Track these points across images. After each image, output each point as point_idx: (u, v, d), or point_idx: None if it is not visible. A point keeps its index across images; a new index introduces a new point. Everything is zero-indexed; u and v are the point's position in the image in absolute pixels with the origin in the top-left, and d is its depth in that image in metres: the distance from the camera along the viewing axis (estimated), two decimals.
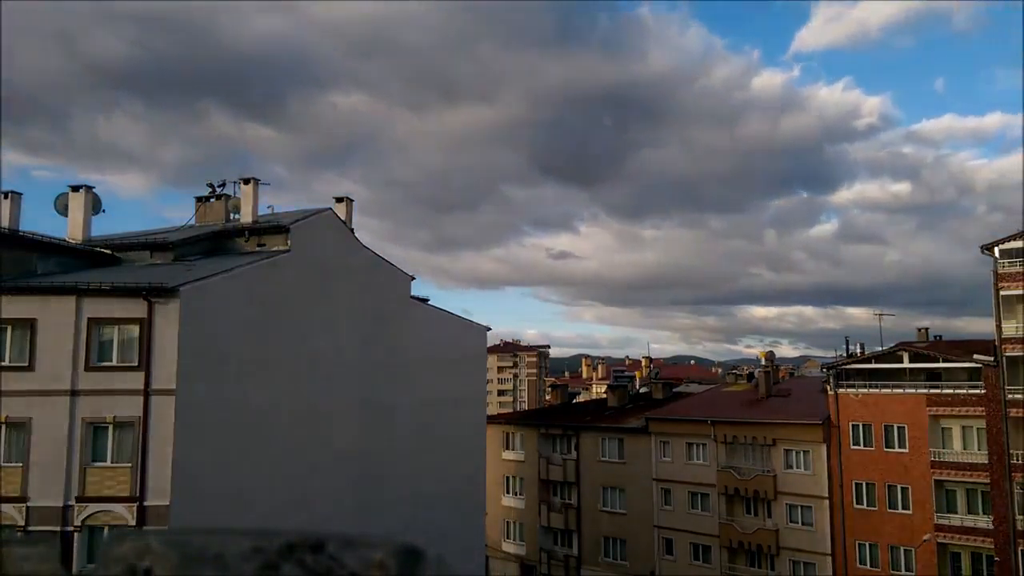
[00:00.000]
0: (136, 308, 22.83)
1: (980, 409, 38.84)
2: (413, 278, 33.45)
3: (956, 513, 39.41)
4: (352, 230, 31.41)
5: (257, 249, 28.31)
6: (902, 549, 40.18)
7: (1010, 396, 38.00)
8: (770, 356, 60.66)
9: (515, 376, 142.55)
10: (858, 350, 49.58)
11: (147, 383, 22.55)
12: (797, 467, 42.96)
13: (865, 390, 42.28)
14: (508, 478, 52.68)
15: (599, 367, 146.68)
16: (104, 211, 30.42)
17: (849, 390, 42.56)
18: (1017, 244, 39.08)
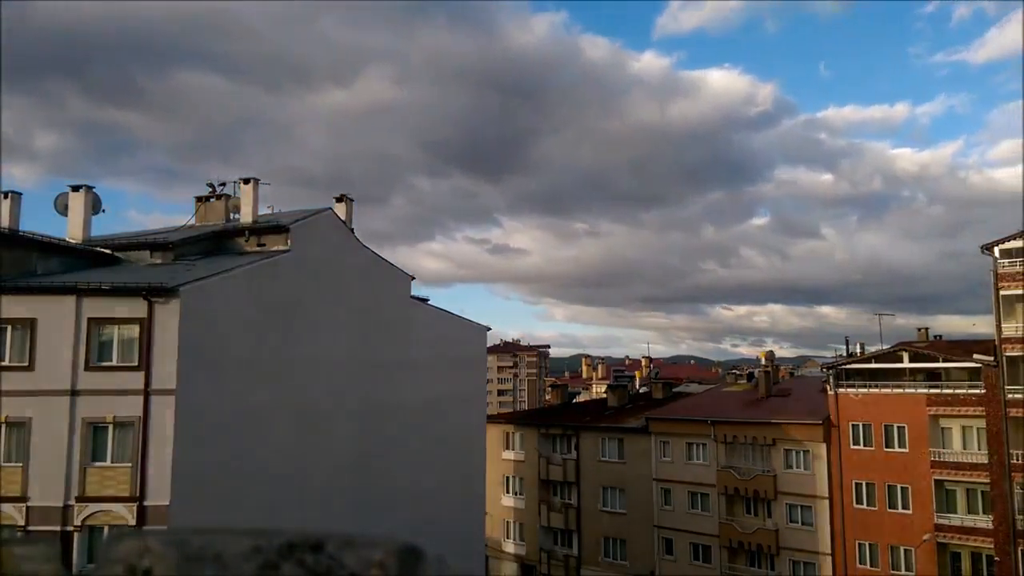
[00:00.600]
0: (136, 308, 22.83)
1: (980, 409, 38.85)
2: (413, 278, 33.49)
3: (956, 513, 39.41)
4: (352, 230, 31.43)
5: (257, 249, 28.30)
6: (902, 549, 40.18)
7: (1010, 396, 38.00)
8: (770, 356, 60.70)
9: (515, 376, 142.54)
10: (858, 350, 49.60)
11: (147, 383, 22.56)
12: (797, 467, 42.96)
13: (865, 390, 42.28)
14: (508, 478, 52.68)
15: (599, 367, 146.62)
16: (105, 210, 30.44)
17: (849, 390, 42.56)
18: (1017, 244, 39.09)
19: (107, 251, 28.38)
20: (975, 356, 39.80)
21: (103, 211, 30.35)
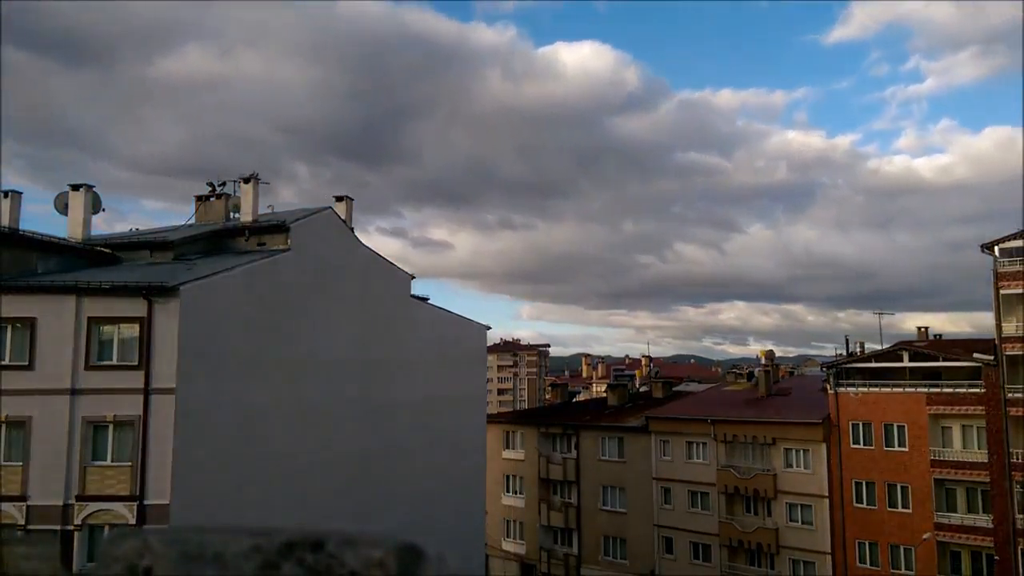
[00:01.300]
0: (136, 307, 22.83)
1: (980, 408, 38.85)
2: (413, 277, 33.49)
3: (956, 512, 39.42)
4: (352, 229, 31.43)
5: (257, 248, 28.31)
6: (902, 548, 40.19)
7: (1010, 395, 38.00)
8: (770, 355, 60.68)
9: (515, 375, 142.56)
10: (858, 349, 49.61)
11: (147, 382, 22.56)
12: (797, 466, 42.97)
13: (865, 389, 42.28)
14: (508, 477, 52.69)
15: (599, 366, 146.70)
16: (104, 210, 30.44)
17: (849, 389, 42.56)
18: (1017, 243, 39.07)
19: (107, 250, 28.39)
20: (975, 355, 39.81)
21: (103, 210, 30.37)
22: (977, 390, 39.19)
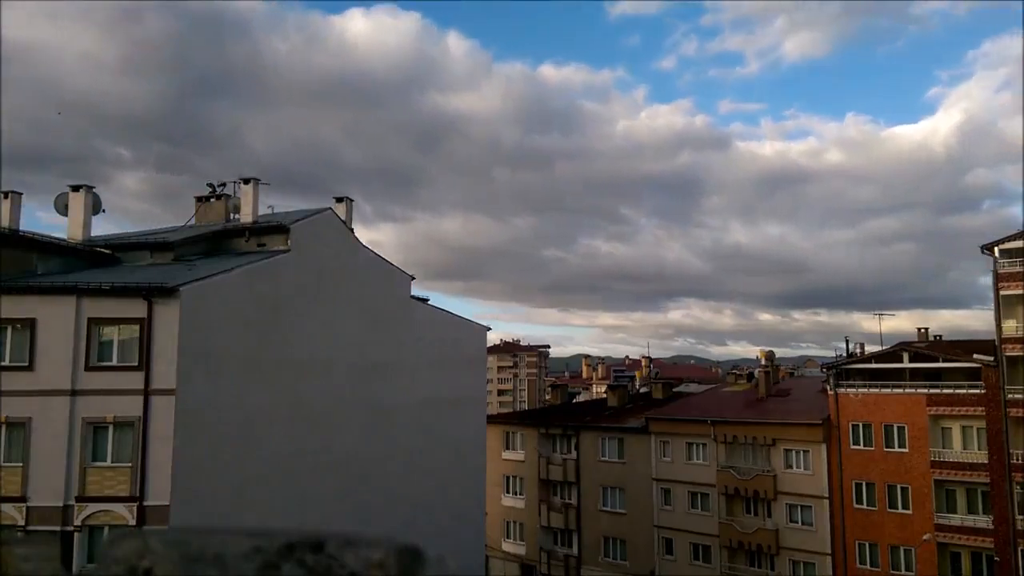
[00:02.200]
0: (136, 308, 22.83)
1: (980, 409, 38.84)
2: (413, 278, 33.48)
3: (956, 513, 39.40)
4: (352, 230, 31.43)
5: (257, 249, 28.31)
6: (902, 549, 40.17)
7: (1010, 396, 37.99)
8: (770, 356, 60.65)
9: (515, 376, 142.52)
10: (858, 350, 49.60)
11: (147, 383, 22.55)
12: (797, 467, 42.96)
13: (865, 390, 42.27)
14: (508, 478, 52.67)
15: (599, 367, 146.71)
16: (104, 211, 30.45)
17: (849, 390, 42.55)
18: (1017, 244, 39.06)
19: (107, 251, 28.39)
20: (975, 356, 39.80)
21: (102, 211, 30.39)
22: (977, 391, 39.17)
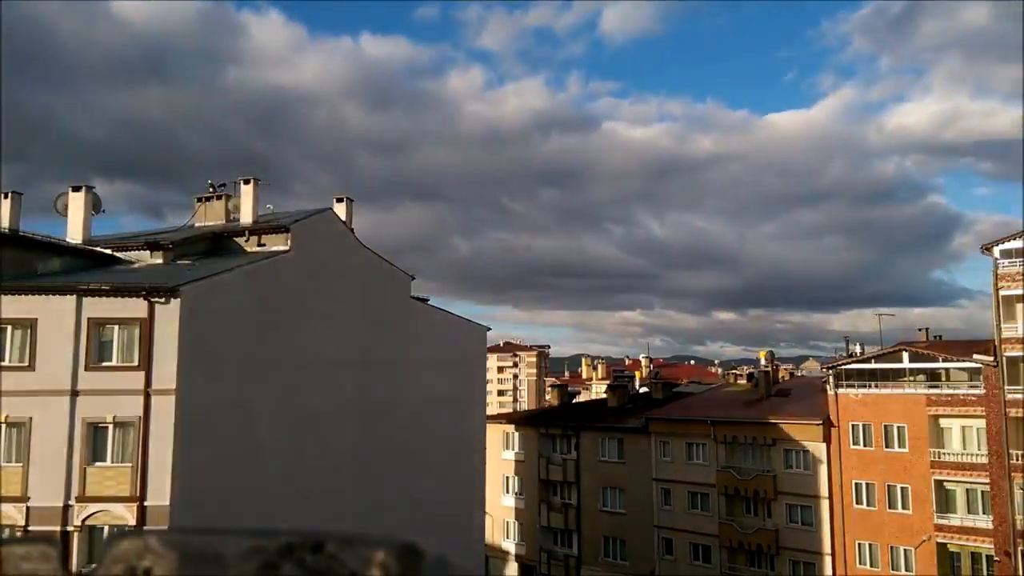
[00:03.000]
0: (136, 308, 22.83)
1: (980, 409, 38.85)
2: (413, 278, 33.48)
3: (956, 513, 39.42)
4: (352, 230, 31.43)
5: (257, 249, 28.30)
6: (902, 549, 40.19)
7: (1010, 396, 38.00)
8: (770, 356, 60.66)
9: (515, 376, 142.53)
10: (858, 350, 49.61)
11: (147, 383, 22.56)
12: (797, 467, 42.97)
13: (865, 390, 42.28)
14: (508, 478, 52.67)
15: (599, 367, 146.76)
16: (104, 211, 30.46)
17: (849, 390, 42.56)
18: (1016, 244, 39.09)
19: (107, 251, 28.39)
20: (975, 356, 39.80)
21: (102, 212, 30.40)
22: (977, 391, 39.19)
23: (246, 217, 29.94)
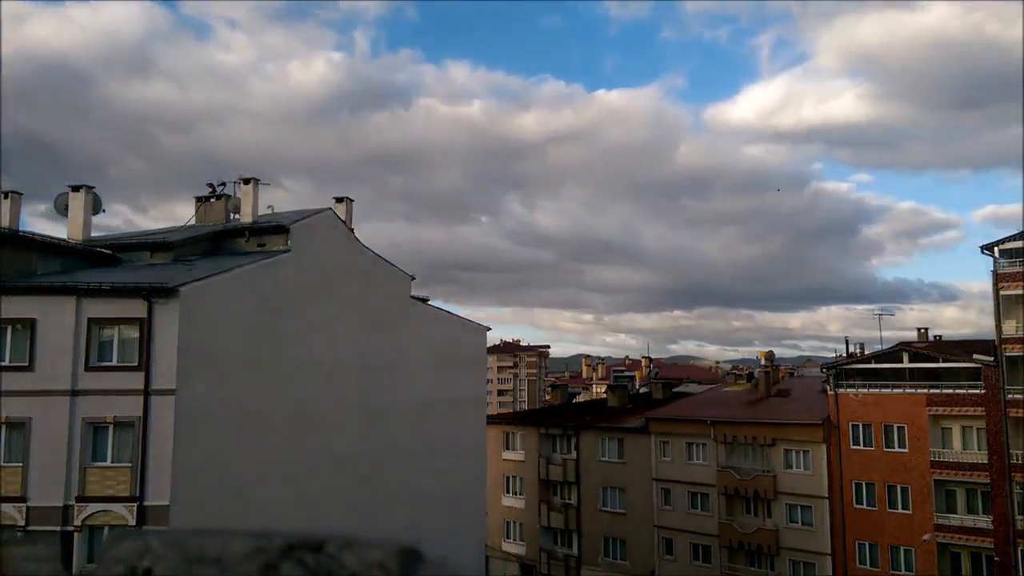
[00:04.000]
0: (136, 308, 22.83)
1: (980, 409, 38.85)
2: (413, 278, 33.48)
3: (956, 513, 39.41)
4: (352, 230, 31.43)
5: (257, 249, 28.31)
6: (902, 549, 40.18)
7: (1010, 396, 37.99)
8: (770, 356, 60.64)
9: (515, 376, 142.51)
10: (858, 350, 49.62)
11: (147, 383, 22.55)
12: (797, 467, 42.96)
13: (865, 390, 42.28)
14: (508, 478, 52.68)
15: (599, 367, 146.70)
16: (104, 211, 30.46)
17: (849, 390, 42.55)
18: (1017, 244, 39.08)
19: (107, 251, 28.39)
20: (975, 356, 39.80)
21: (103, 211, 30.40)
22: (977, 391, 39.18)
23: (246, 217, 29.94)
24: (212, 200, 32.08)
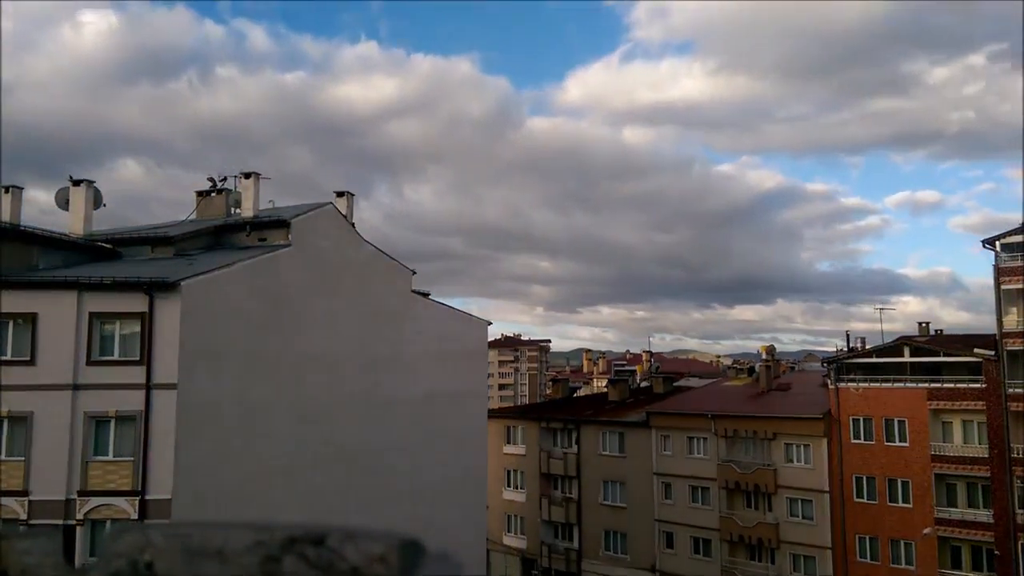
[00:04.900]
0: (137, 302, 22.85)
1: (981, 403, 38.85)
2: (414, 272, 33.47)
3: (956, 507, 39.45)
4: (353, 224, 31.42)
5: (258, 243, 28.30)
6: (902, 543, 40.24)
7: (1011, 390, 37.99)
8: (771, 350, 60.63)
9: (516, 370, 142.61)
10: (859, 344, 49.62)
11: (148, 377, 22.58)
12: (797, 461, 43.00)
13: (866, 384, 42.27)
14: (509, 472, 52.75)
15: (600, 361, 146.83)
16: (104, 205, 30.45)
17: (850, 384, 42.55)
18: (1018, 238, 39.01)
19: (108, 246, 28.39)
20: (976, 350, 39.77)
21: (103, 206, 30.38)
22: (978, 385, 39.17)
23: (246, 211, 29.92)
24: (213, 194, 32.06)
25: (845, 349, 50.16)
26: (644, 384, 66.39)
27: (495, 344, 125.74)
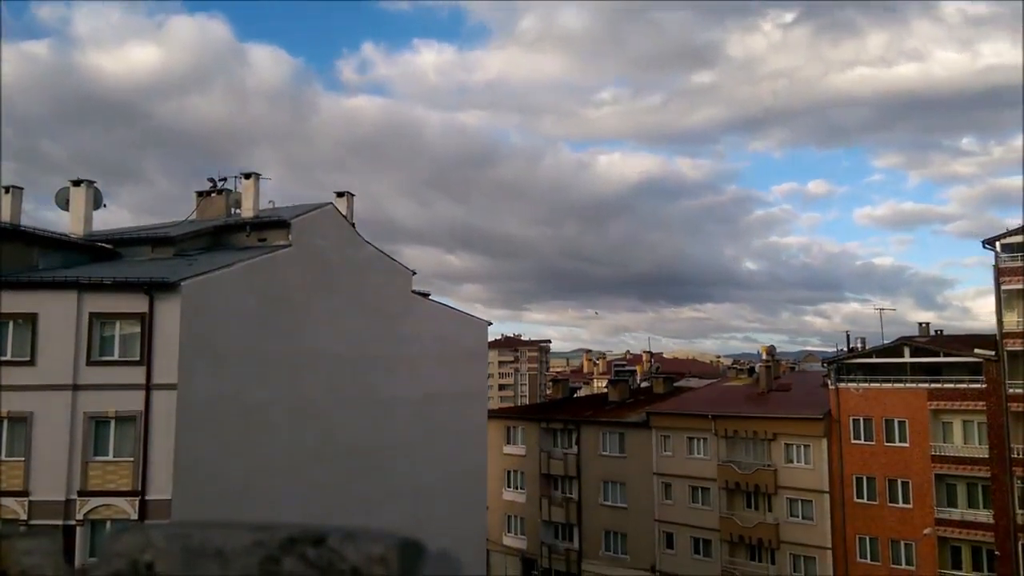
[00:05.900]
0: (137, 303, 22.85)
1: (981, 403, 38.83)
2: (414, 273, 33.48)
3: (956, 507, 39.43)
4: (353, 224, 31.42)
5: (258, 244, 28.31)
6: (903, 543, 40.22)
7: (1011, 390, 37.98)
8: (771, 351, 60.65)
9: (516, 371, 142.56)
10: (859, 345, 49.60)
11: (148, 378, 22.58)
12: (798, 461, 42.99)
13: (866, 384, 42.25)
14: (509, 472, 52.74)
15: (600, 362, 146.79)
16: (105, 205, 30.45)
17: (850, 384, 42.53)
18: (1018, 239, 38.98)
19: (108, 246, 28.39)
20: (976, 351, 39.75)
21: (104, 206, 30.38)
22: (978, 385, 39.15)
23: (247, 212, 29.92)
24: (213, 195, 32.06)
25: (845, 349, 50.15)
26: (644, 384, 66.39)
27: (495, 344, 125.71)
